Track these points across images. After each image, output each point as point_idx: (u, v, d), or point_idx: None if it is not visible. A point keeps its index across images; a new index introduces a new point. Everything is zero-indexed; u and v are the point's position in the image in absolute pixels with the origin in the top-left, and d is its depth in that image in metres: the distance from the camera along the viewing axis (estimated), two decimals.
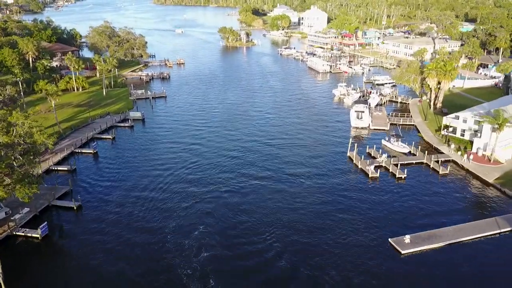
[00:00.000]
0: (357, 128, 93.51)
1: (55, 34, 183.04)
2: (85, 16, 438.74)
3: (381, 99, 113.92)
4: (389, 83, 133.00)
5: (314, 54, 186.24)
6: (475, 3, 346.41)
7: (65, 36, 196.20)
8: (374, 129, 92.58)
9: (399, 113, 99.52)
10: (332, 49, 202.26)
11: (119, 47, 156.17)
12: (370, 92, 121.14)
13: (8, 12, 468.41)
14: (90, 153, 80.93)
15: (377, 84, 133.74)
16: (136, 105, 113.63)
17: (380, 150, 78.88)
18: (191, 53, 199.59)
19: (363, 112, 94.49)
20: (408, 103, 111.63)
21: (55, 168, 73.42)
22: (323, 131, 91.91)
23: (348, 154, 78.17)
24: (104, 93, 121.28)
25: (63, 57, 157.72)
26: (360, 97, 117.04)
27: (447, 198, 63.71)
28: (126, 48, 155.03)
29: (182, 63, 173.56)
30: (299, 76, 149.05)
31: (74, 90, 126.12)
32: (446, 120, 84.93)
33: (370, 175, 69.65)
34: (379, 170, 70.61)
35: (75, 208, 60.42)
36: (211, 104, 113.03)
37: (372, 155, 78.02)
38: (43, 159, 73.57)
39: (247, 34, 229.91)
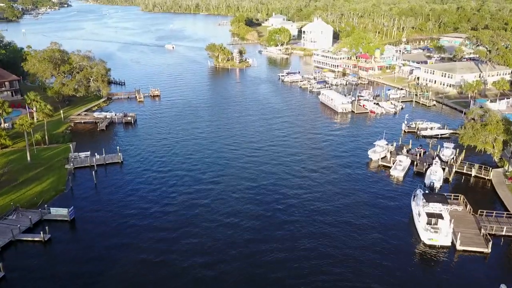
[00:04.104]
0: (432, 246, 54.65)
1: None
2: (63, 25, 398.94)
3: (443, 169, 75.61)
4: (441, 135, 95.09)
5: (326, 82, 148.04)
6: (488, 13, 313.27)
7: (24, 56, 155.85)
8: (463, 250, 53.71)
9: (493, 211, 60.82)
10: (344, 74, 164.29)
11: (70, 80, 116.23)
12: (424, 152, 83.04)
13: None
14: None
15: (424, 136, 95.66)
16: (72, 181, 73.71)
17: None
18: (171, 78, 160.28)
19: (440, 217, 55.91)
20: (489, 179, 73.22)
21: None
22: (375, 261, 52.63)
23: None
24: (29, 157, 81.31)
25: None
26: (414, 164, 78.48)
27: None
28: (78, 80, 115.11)
29: (157, 95, 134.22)
30: (311, 118, 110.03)
31: None
32: None
33: None
34: None
35: None
36: (189, 185, 71.85)
37: None
38: None
39: (241, 52, 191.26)
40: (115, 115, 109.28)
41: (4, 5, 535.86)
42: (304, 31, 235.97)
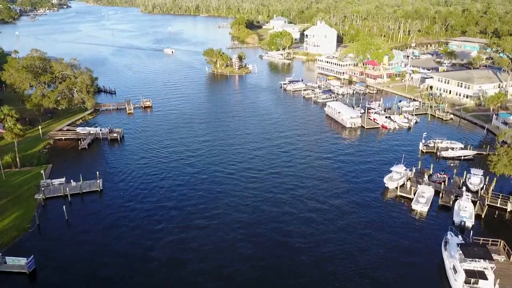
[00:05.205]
0: None
1: None
2: (59, 27, 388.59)
3: (473, 202, 64.77)
4: (465, 156, 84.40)
5: (332, 91, 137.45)
6: (496, 15, 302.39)
7: None
8: None
9: None
10: (351, 82, 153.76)
11: (51, 91, 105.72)
12: (447, 179, 72.46)
13: None
14: None
15: (444, 158, 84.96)
16: (40, 216, 63.07)
17: None
18: (165, 87, 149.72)
19: (483, 277, 45.16)
20: None
21: None
22: None
23: None
24: None
25: None
26: (439, 196, 67.60)
27: None
28: (60, 91, 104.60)
29: (149, 107, 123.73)
30: (317, 135, 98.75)
31: None
32: None
33: None
34: None
35: None
36: (176, 228, 60.25)
37: None
38: None
39: (240, 58, 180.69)
40: (100, 130, 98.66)
41: (0, 6, 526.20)
42: (307, 35, 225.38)
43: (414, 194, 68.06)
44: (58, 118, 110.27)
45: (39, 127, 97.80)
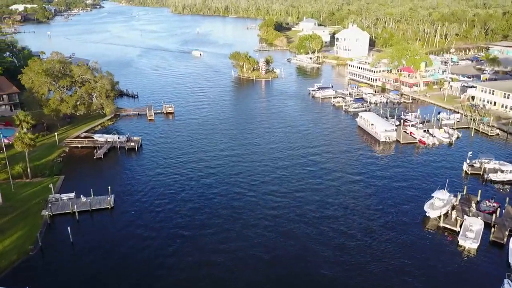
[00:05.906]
0: None
1: (3, 63, 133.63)
2: (90, 27, 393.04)
3: None
4: None
5: (364, 100, 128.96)
6: None
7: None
8: None
9: None
10: (384, 89, 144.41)
11: (70, 96, 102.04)
12: (498, 208, 63.39)
13: (10, 21, 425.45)
14: None
15: (493, 182, 75.47)
16: (45, 237, 58.30)
17: None
18: (189, 91, 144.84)
19: None
20: None
21: None
22: None
23: None
24: (0, 198, 66.54)
25: None
26: (491, 231, 58.78)
27: None
28: (79, 96, 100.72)
29: (171, 113, 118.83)
30: (349, 152, 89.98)
31: None
32: None
33: None
34: None
35: None
36: (187, 262, 54.90)
37: None
38: None
39: (267, 62, 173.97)
40: (118, 138, 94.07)
41: (36, 6, 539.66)
42: (337, 38, 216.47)
43: (460, 226, 59.53)
44: (77, 123, 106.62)
45: (56, 133, 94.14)
